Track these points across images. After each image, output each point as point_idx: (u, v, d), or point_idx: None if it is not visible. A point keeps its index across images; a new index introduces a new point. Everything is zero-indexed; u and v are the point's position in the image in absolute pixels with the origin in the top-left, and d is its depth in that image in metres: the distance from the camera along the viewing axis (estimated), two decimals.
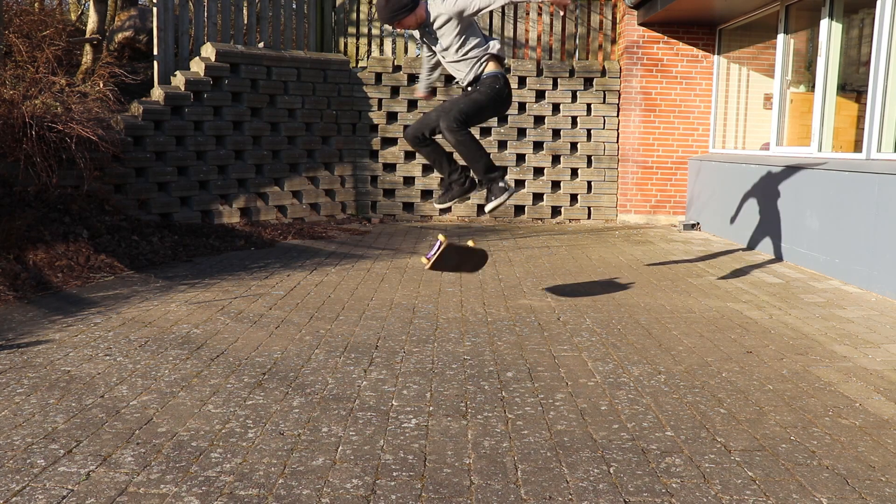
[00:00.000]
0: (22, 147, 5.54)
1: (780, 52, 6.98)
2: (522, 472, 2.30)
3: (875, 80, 5.28)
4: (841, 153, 5.92)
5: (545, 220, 9.05)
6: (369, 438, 2.54)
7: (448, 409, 2.82)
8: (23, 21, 7.44)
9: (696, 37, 8.64)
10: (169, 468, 2.30)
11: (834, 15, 6.06)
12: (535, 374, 3.24)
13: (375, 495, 2.14)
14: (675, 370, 3.31)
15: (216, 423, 2.65)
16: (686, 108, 8.76)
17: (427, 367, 3.33)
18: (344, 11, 9.13)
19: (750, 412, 2.81)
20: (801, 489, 2.21)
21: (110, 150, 6.25)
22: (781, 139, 7.02)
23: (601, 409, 2.83)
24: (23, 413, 2.72)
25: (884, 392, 3.04)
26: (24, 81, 6.23)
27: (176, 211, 7.02)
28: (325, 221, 8.38)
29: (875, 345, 3.74)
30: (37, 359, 3.36)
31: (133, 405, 2.82)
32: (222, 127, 7.51)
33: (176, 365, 3.31)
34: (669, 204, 8.91)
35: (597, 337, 3.85)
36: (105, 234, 5.77)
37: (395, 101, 8.88)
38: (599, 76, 8.95)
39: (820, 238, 5.68)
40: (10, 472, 2.26)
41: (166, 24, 7.52)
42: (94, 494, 2.12)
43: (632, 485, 2.22)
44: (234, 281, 5.14)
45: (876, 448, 2.50)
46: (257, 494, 2.14)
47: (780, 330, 4.02)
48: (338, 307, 4.46)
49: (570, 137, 9.00)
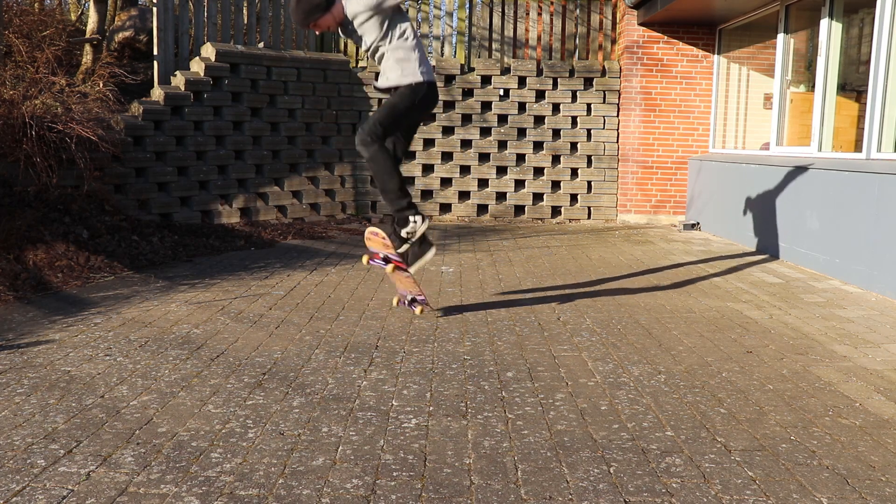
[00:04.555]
0: (22, 147, 5.54)
1: (780, 51, 6.97)
2: (522, 472, 2.30)
3: (875, 79, 5.28)
4: (841, 153, 5.92)
5: (545, 220, 9.05)
6: (369, 438, 2.54)
7: (448, 409, 2.82)
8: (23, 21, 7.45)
9: (696, 36, 8.64)
10: (169, 468, 2.30)
11: (834, 15, 6.06)
12: (535, 374, 3.23)
13: (375, 495, 2.14)
14: (675, 370, 3.31)
15: (216, 423, 2.65)
16: (686, 108, 8.76)
17: (427, 367, 3.33)
18: None
19: (750, 412, 2.81)
20: (801, 489, 2.21)
21: (110, 150, 6.25)
22: (781, 139, 7.02)
23: (601, 409, 2.83)
24: (23, 413, 2.72)
25: (884, 392, 3.04)
26: (24, 81, 6.23)
27: (176, 211, 7.02)
28: (325, 221, 8.38)
29: (875, 345, 3.74)
30: (37, 359, 3.36)
31: (133, 405, 2.82)
32: (222, 127, 7.50)
33: (176, 365, 3.31)
34: (669, 204, 8.91)
35: (597, 337, 3.85)
36: (105, 234, 5.77)
37: None
38: (599, 76, 8.95)
39: (820, 238, 5.68)
40: (11, 472, 2.25)
41: (166, 24, 7.52)
42: (94, 494, 2.12)
43: (632, 485, 2.22)
44: (234, 281, 5.14)
45: (876, 448, 2.50)
46: (257, 494, 2.14)
47: (780, 330, 4.02)
48: (338, 307, 4.46)
49: (570, 137, 9.00)
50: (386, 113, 3.97)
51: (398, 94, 3.99)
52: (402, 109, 3.99)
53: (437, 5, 9.24)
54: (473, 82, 8.91)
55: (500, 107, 8.95)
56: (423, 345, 3.68)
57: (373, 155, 3.93)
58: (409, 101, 3.98)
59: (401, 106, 3.98)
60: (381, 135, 3.93)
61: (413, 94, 3.98)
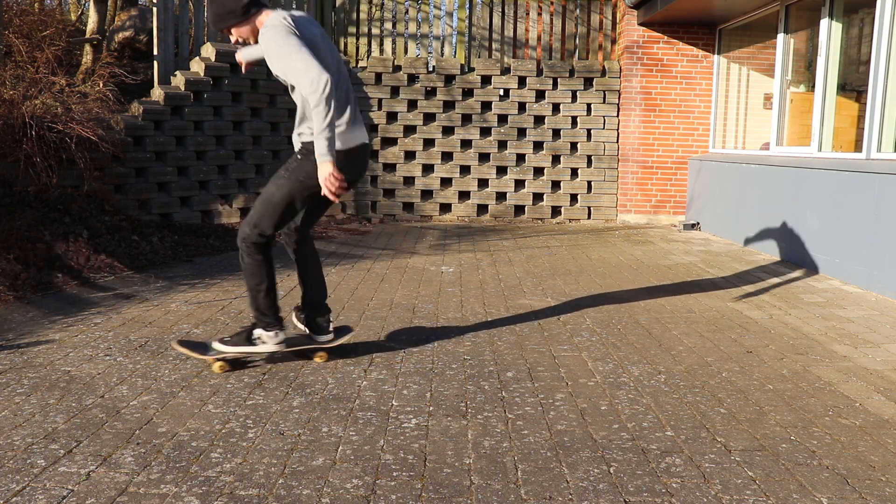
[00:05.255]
0: (22, 147, 5.54)
1: (780, 51, 6.97)
2: (522, 472, 2.30)
3: (875, 79, 5.28)
4: (841, 153, 5.92)
5: (545, 220, 9.05)
6: (369, 438, 2.54)
7: (448, 409, 2.82)
8: (23, 21, 7.44)
9: (696, 36, 8.64)
10: (169, 468, 2.30)
11: (834, 14, 6.06)
12: (535, 374, 3.23)
13: (375, 495, 2.14)
14: (675, 370, 3.31)
15: (216, 423, 2.65)
16: (686, 108, 8.76)
17: (427, 367, 3.33)
18: (344, 11, 9.13)
19: (750, 412, 2.81)
20: (801, 489, 2.21)
21: (110, 150, 6.25)
22: (781, 139, 7.02)
23: (601, 409, 2.83)
24: (23, 413, 2.72)
25: (884, 392, 3.04)
26: (24, 81, 6.23)
27: (176, 211, 7.02)
28: (325, 221, 8.38)
29: (875, 345, 3.74)
30: (37, 359, 3.36)
31: (133, 405, 2.82)
32: (222, 127, 7.50)
33: (176, 365, 3.31)
34: (669, 204, 8.91)
35: (597, 337, 3.85)
36: (105, 234, 5.77)
37: (396, 101, 8.87)
38: (599, 76, 8.95)
39: (820, 238, 5.68)
40: (11, 472, 2.25)
41: (166, 24, 7.52)
42: (94, 494, 2.12)
43: (632, 485, 2.22)
44: (234, 281, 5.14)
45: (876, 448, 2.50)
46: (257, 494, 2.14)
47: (780, 330, 4.02)
48: (338, 307, 4.46)
49: (570, 137, 9.00)
50: (262, 200, 3.19)
51: (289, 165, 3.20)
52: (285, 189, 3.16)
53: (437, 5, 9.25)
54: (473, 82, 8.91)
55: (500, 107, 8.95)
56: (423, 345, 3.68)
57: (245, 261, 3.24)
58: (298, 172, 3.15)
59: (285, 184, 3.16)
60: (261, 233, 3.19)
61: (309, 161, 3.14)
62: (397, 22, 9.13)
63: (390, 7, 9.13)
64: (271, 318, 3.26)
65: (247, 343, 3.24)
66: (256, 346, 3.25)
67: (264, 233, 3.16)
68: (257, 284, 3.22)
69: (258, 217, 3.16)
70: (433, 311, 4.39)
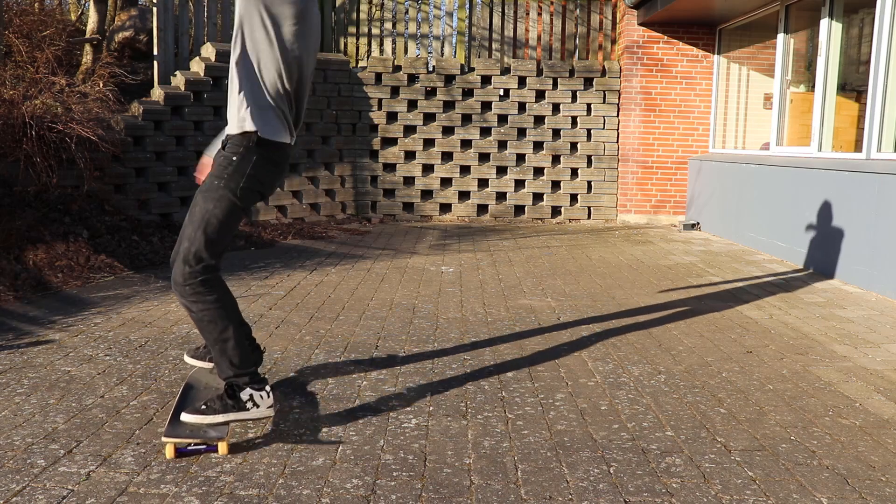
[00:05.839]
0: (22, 147, 5.54)
1: (780, 51, 6.97)
2: (522, 472, 2.30)
3: (875, 79, 5.28)
4: (841, 153, 5.92)
5: (545, 220, 9.05)
6: (369, 438, 2.54)
7: (448, 409, 2.81)
8: (23, 21, 7.44)
9: (696, 36, 8.64)
10: (169, 468, 2.30)
11: (834, 15, 6.06)
12: (535, 374, 3.23)
13: (375, 495, 2.14)
14: (675, 370, 3.31)
15: None
16: (686, 108, 8.76)
17: (427, 367, 3.33)
18: (344, 11, 9.13)
19: (750, 412, 2.81)
20: (801, 489, 2.21)
21: (110, 150, 6.25)
22: (781, 139, 7.02)
23: (601, 409, 2.83)
24: (23, 413, 2.72)
25: (884, 392, 3.04)
26: (24, 81, 6.23)
27: (176, 211, 7.01)
28: (325, 221, 8.38)
29: (875, 345, 3.74)
30: (37, 359, 3.36)
31: (133, 405, 2.82)
32: (222, 127, 7.49)
33: (176, 365, 3.31)
34: (669, 204, 8.91)
35: (596, 337, 3.85)
36: (105, 234, 5.77)
37: (396, 101, 8.87)
38: (599, 76, 8.95)
39: (820, 238, 5.68)
40: (11, 472, 2.25)
41: (166, 24, 7.52)
42: (94, 494, 2.12)
43: (632, 485, 2.22)
44: (234, 281, 5.14)
45: (876, 448, 2.50)
46: (257, 494, 2.14)
47: (780, 330, 4.02)
48: (338, 307, 4.46)
49: (570, 137, 9.00)
50: (194, 220, 2.48)
51: (213, 172, 2.55)
52: (219, 206, 2.47)
53: (437, 5, 9.25)
54: (473, 82, 8.91)
55: (500, 107, 8.95)
56: (423, 345, 3.68)
57: (193, 305, 2.47)
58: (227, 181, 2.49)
59: (214, 199, 2.47)
60: (204, 268, 2.46)
61: (233, 162, 2.52)
62: (397, 22, 9.13)
63: (390, 7, 9.13)
64: (252, 370, 2.53)
65: (235, 409, 2.47)
66: (248, 409, 2.49)
67: (209, 263, 2.45)
68: (221, 332, 2.47)
69: (198, 246, 2.44)
70: (433, 311, 4.39)
